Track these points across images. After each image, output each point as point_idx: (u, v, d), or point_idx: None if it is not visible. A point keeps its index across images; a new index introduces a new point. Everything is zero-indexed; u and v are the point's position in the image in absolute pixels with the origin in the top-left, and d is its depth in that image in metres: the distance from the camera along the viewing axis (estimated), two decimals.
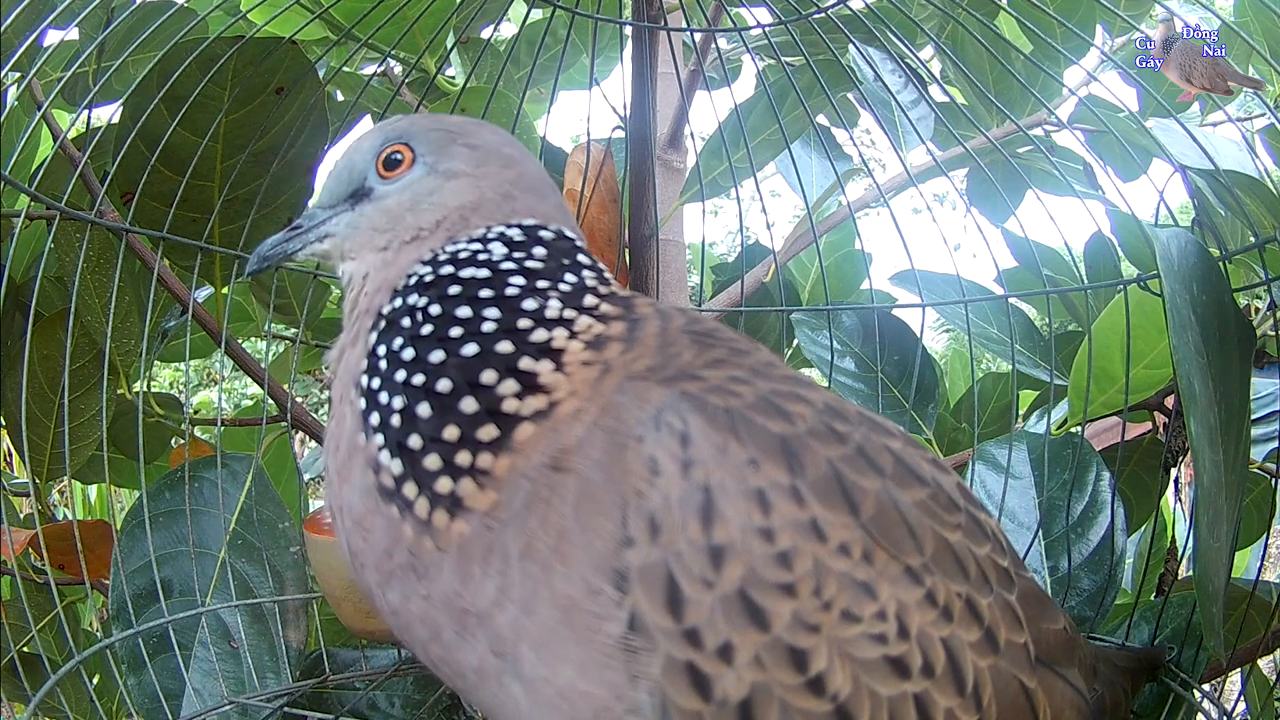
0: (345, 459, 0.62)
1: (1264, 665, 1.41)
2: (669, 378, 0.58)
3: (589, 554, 0.53)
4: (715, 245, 6.88)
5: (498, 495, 0.56)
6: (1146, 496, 1.36)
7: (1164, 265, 0.81)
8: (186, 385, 1.36)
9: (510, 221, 0.65)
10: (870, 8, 1.36)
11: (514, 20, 1.72)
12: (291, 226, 0.71)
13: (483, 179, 0.66)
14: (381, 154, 0.68)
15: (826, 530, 0.54)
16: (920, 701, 0.56)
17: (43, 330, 1.18)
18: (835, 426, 0.58)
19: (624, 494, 0.53)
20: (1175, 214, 1.13)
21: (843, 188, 1.41)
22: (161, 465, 1.44)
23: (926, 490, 0.59)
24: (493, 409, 0.57)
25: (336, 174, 0.70)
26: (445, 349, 0.59)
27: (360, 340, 0.64)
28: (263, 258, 0.71)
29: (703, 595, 0.52)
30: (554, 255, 0.64)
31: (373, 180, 0.68)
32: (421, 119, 0.70)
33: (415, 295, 0.62)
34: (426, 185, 0.66)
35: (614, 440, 0.55)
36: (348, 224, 0.68)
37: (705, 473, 0.53)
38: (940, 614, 0.57)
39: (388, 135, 0.68)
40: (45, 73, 1.29)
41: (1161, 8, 1.48)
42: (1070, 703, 0.66)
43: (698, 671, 0.52)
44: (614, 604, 0.53)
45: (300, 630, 1.12)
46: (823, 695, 0.53)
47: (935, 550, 0.58)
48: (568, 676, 0.54)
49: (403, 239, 0.66)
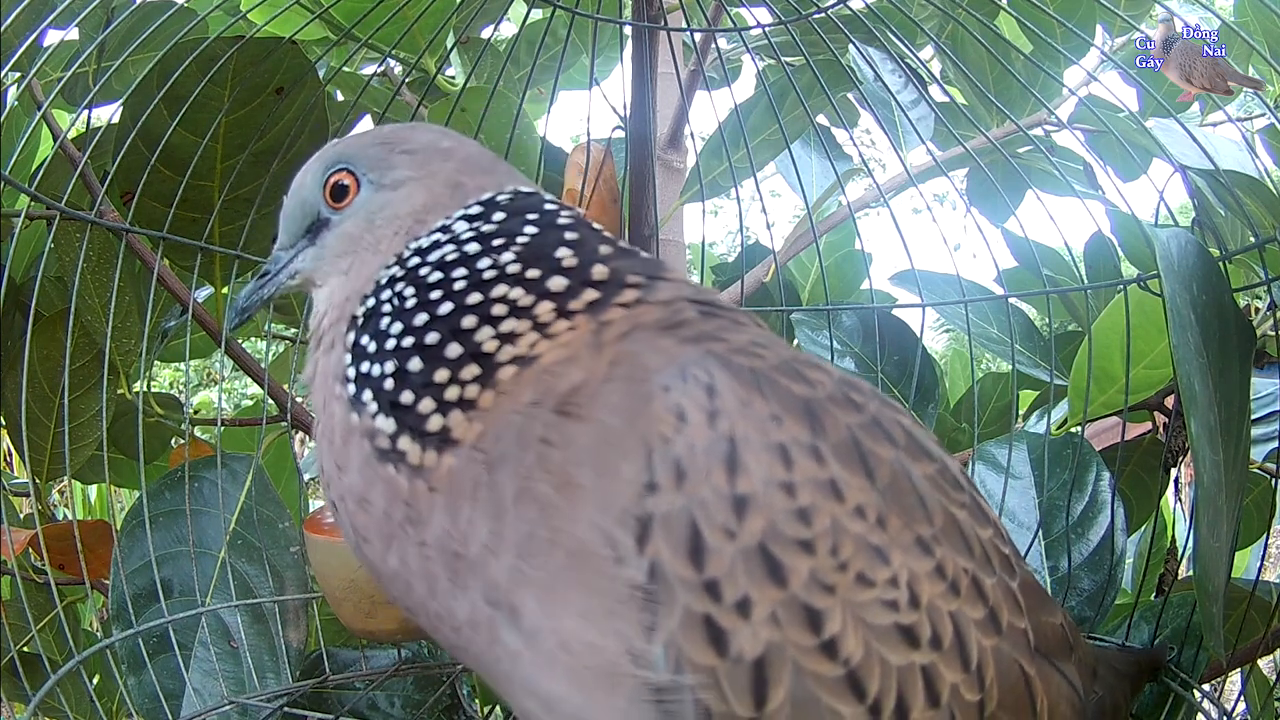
0: (341, 447, 0.62)
1: (1264, 665, 1.41)
2: (691, 337, 0.58)
3: (604, 499, 0.53)
4: (715, 245, 6.87)
5: (483, 427, 0.57)
6: (1146, 496, 1.36)
7: (1164, 265, 0.81)
8: (186, 385, 1.36)
9: (466, 204, 0.66)
10: (870, 8, 1.36)
11: (514, 20, 1.72)
12: (260, 274, 0.74)
13: (428, 178, 0.67)
14: (327, 184, 0.69)
15: (845, 491, 0.54)
16: (927, 673, 0.56)
17: (43, 330, 1.18)
18: (852, 396, 0.59)
19: (648, 440, 0.53)
20: (1175, 214, 1.13)
21: (843, 188, 1.41)
22: (161, 465, 1.44)
23: (935, 466, 0.60)
24: (474, 352, 0.59)
25: (289, 214, 0.72)
26: (427, 311, 0.61)
27: (338, 344, 0.65)
28: (241, 310, 0.75)
29: (724, 545, 0.52)
30: (514, 214, 0.64)
31: (326, 211, 0.70)
32: (354, 139, 0.72)
33: (388, 290, 0.64)
34: (377, 202, 0.68)
35: (636, 389, 0.55)
36: (313, 257, 0.71)
37: (730, 423, 0.53)
38: (948, 587, 0.57)
39: (327, 164, 0.70)
40: (45, 73, 1.29)
41: (1161, 8, 1.48)
42: (1065, 697, 0.66)
43: (715, 625, 0.52)
44: (633, 551, 0.52)
45: (300, 630, 1.12)
46: (835, 659, 0.53)
47: (944, 524, 0.58)
48: (571, 625, 0.53)
49: (364, 254, 0.68)
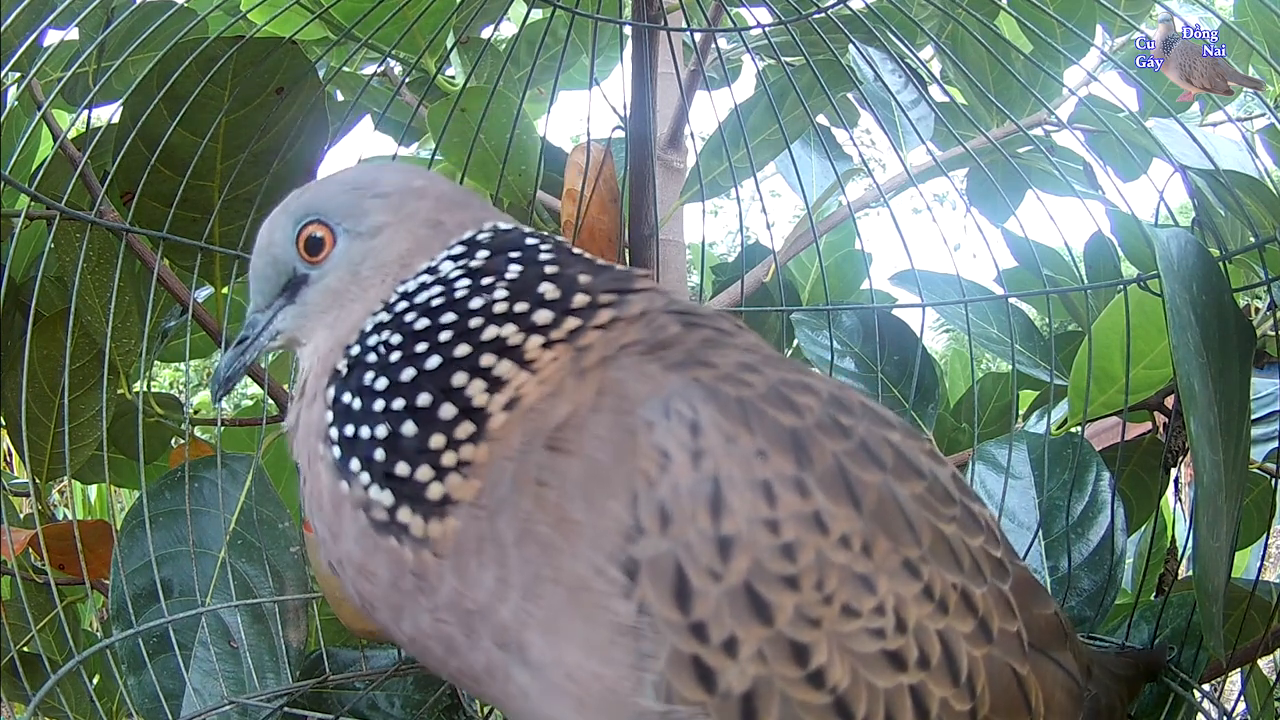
0: (332, 514, 0.61)
1: (1264, 665, 1.41)
2: (677, 362, 0.58)
3: (596, 535, 0.53)
4: (715, 245, 6.87)
5: (480, 482, 0.56)
6: (1146, 496, 1.36)
7: (1164, 265, 0.81)
8: (186, 385, 1.36)
9: (448, 244, 0.64)
10: (870, 8, 1.36)
11: (514, 20, 1.72)
12: (238, 340, 0.70)
13: (407, 220, 0.65)
14: (300, 239, 0.66)
15: (829, 522, 0.55)
16: (916, 692, 0.57)
17: (43, 330, 1.18)
18: (840, 420, 0.58)
19: (633, 480, 0.53)
20: (1175, 214, 1.13)
21: (843, 188, 1.41)
22: (161, 465, 1.44)
23: (924, 484, 0.60)
24: (466, 408, 0.58)
25: (261, 274, 0.69)
26: (414, 366, 0.59)
27: (319, 398, 0.63)
28: (224, 380, 0.71)
29: (710, 588, 0.52)
30: (496, 252, 0.63)
31: (302, 267, 0.67)
32: (319, 187, 0.69)
33: (374, 336, 0.62)
34: (358, 251, 0.65)
35: (621, 421, 0.55)
36: (294, 315, 0.67)
37: (714, 462, 0.53)
38: (936, 606, 0.58)
39: (296, 217, 0.67)
40: (45, 73, 1.29)
41: (1161, 8, 1.48)
42: (1061, 684, 0.67)
43: (703, 665, 0.52)
44: (623, 589, 0.53)
45: (300, 630, 1.12)
46: (822, 688, 0.54)
47: (932, 542, 0.59)
48: (575, 657, 0.54)
49: (351, 304, 0.65)
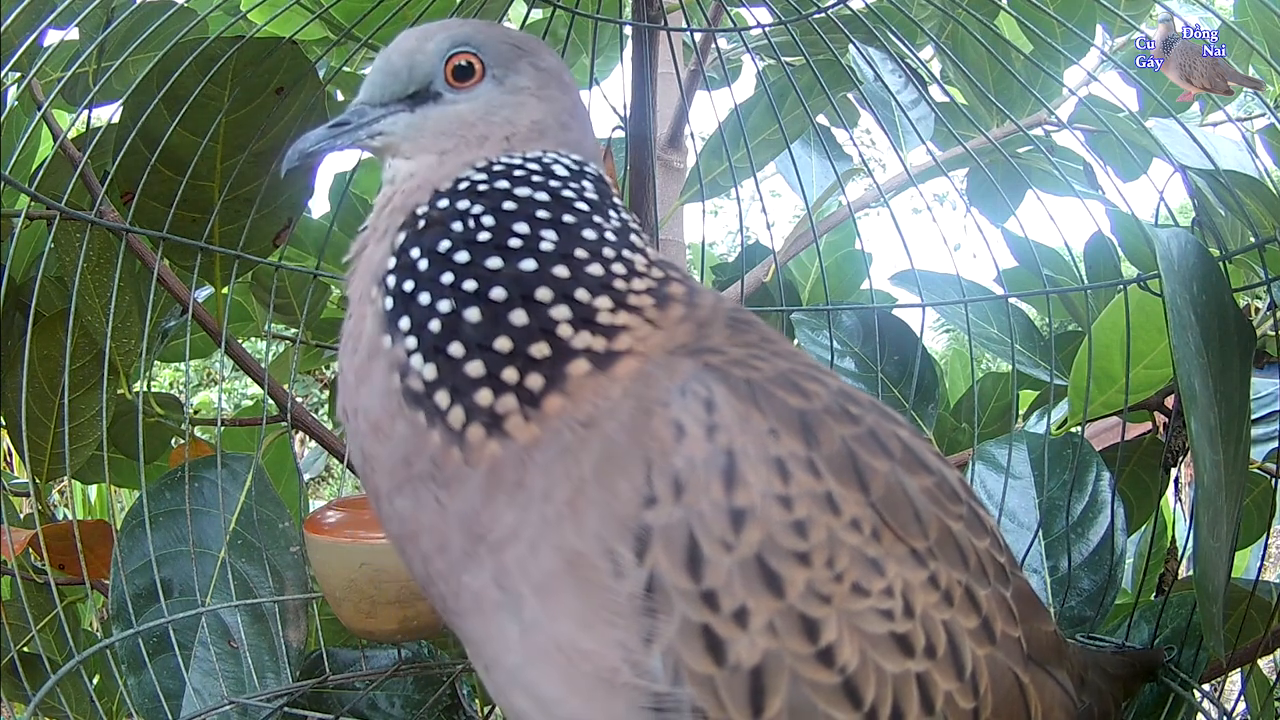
0: (365, 361, 0.59)
1: (1264, 665, 1.41)
2: (694, 351, 0.58)
3: (606, 512, 0.53)
4: (715, 245, 6.87)
5: (541, 433, 0.55)
6: (1146, 496, 1.36)
7: (1164, 265, 0.81)
8: (186, 385, 1.35)
9: (562, 150, 0.64)
10: (870, 8, 1.36)
11: (514, 20, 1.72)
12: (336, 122, 0.67)
13: (545, 101, 0.66)
14: (450, 60, 0.65)
15: (840, 504, 0.55)
16: (922, 681, 0.56)
17: (43, 330, 1.18)
18: (848, 408, 0.58)
19: (648, 455, 0.53)
20: (1175, 214, 1.13)
21: (843, 188, 1.41)
22: (161, 465, 1.44)
23: (932, 478, 0.60)
24: (546, 329, 0.56)
25: (392, 71, 0.66)
26: (503, 258, 0.58)
27: (387, 237, 0.61)
28: (303, 153, 0.67)
29: (722, 557, 0.52)
30: (603, 196, 0.63)
31: (440, 85, 0.65)
32: (485, 28, 0.68)
33: (466, 200, 0.60)
34: (498, 99, 0.65)
35: (640, 406, 0.55)
36: (407, 124, 0.66)
37: (729, 437, 0.53)
38: (942, 598, 0.58)
39: (455, 40, 0.65)
40: (45, 73, 1.29)
41: (1161, 8, 1.48)
42: (1059, 702, 0.66)
43: (713, 635, 0.52)
44: (632, 564, 0.52)
45: (300, 630, 1.12)
46: (832, 667, 0.54)
47: (939, 536, 0.59)
48: (566, 630, 0.53)
49: (466, 144, 0.64)
